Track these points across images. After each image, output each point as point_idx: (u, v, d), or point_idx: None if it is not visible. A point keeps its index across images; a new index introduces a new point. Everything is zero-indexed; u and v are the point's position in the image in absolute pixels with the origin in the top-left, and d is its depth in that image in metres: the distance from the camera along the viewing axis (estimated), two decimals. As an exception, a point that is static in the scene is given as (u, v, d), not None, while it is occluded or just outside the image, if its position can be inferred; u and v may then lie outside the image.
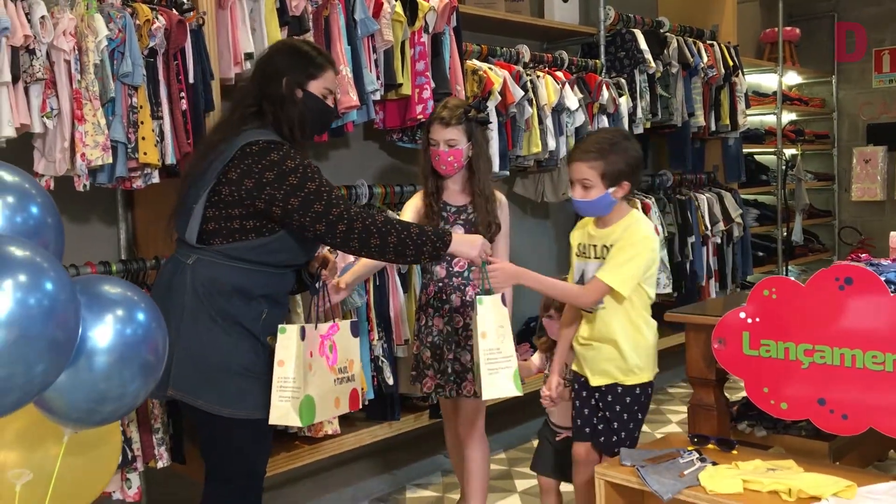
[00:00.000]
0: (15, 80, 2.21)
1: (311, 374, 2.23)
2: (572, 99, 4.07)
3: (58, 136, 2.34)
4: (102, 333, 1.30)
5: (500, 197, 2.82)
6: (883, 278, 2.22)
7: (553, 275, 2.55)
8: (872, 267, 2.73)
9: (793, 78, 6.91)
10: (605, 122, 4.26)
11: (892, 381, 2.09)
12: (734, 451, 2.38)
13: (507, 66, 3.87)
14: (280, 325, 2.17)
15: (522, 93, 3.81)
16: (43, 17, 2.24)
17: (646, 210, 4.55)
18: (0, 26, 2.14)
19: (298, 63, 2.29)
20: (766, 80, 6.54)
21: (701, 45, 4.92)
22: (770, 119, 6.43)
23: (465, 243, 2.33)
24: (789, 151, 6.57)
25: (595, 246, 2.43)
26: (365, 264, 2.61)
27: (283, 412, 2.14)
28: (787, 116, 6.72)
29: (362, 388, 2.94)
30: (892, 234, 3.25)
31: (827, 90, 7.04)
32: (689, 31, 4.98)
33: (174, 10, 2.56)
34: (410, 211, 2.80)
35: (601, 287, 2.34)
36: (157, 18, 2.48)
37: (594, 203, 2.35)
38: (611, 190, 2.34)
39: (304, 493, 3.40)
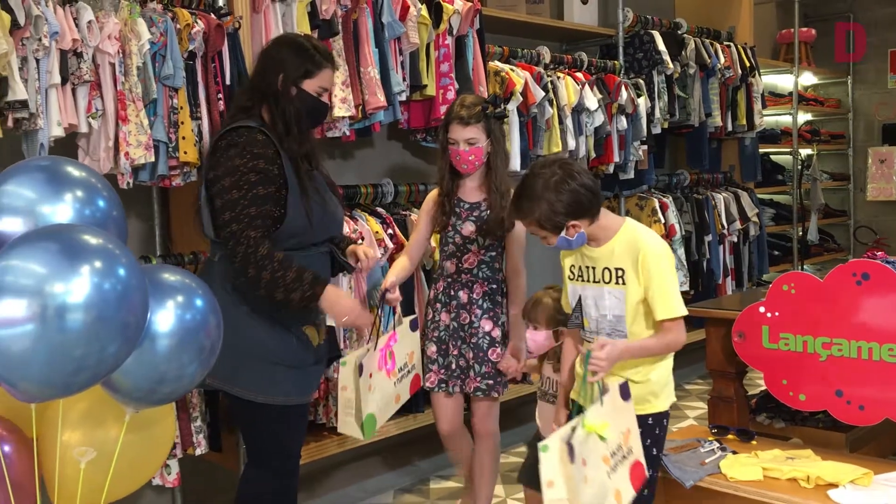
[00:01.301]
0: (63, 81, 2.31)
1: (370, 393, 2.47)
2: (592, 99, 4.14)
3: (102, 136, 2.44)
4: (164, 318, 1.39)
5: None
6: (899, 274, 2.30)
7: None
8: (889, 264, 2.80)
9: (808, 78, 6.96)
10: (623, 122, 4.33)
11: (908, 372, 2.17)
12: (753, 442, 2.45)
13: (528, 67, 3.95)
14: (341, 359, 2.40)
15: (543, 93, 3.89)
16: (90, 22, 2.34)
17: (663, 209, 4.63)
18: (50, 31, 2.24)
19: (296, 60, 2.34)
20: (782, 81, 6.59)
21: (718, 46, 4.99)
22: (786, 119, 6.48)
23: (333, 305, 2.26)
24: (805, 151, 6.62)
25: (593, 269, 2.20)
26: (403, 266, 2.75)
27: (349, 427, 2.45)
28: (803, 117, 6.77)
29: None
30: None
31: (842, 91, 7.08)
32: (707, 33, 5.04)
33: (212, 15, 2.66)
34: (425, 211, 2.83)
35: (678, 323, 2.12)
36: (197, 23, 2.57)
37: (560, 245, 2.16)
38: (563, 233, 2.13)
39: (331, 483, 3.50)
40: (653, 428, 2.16)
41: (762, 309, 2.43)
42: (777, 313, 2.40)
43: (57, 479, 1.49)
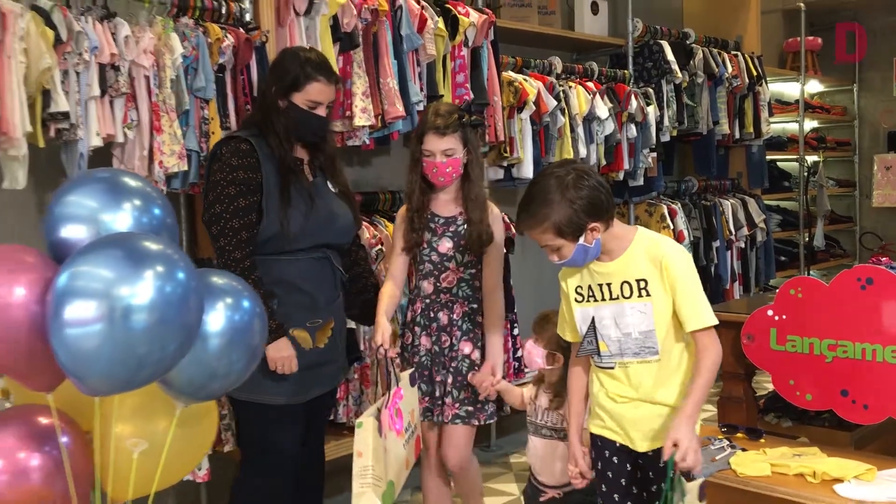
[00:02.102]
0: (102, 94, 2.42)
1: (387, 456, 2.30)
2: (602, 108, 4.25)
3: (137, 146, 2.55)
4: (215, 319, 1.49)
5: (493, 207, 2.64)
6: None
7: None
8: (893, 270, 2.89)
9: (815, 86, 7.05)
10: (633, 130, 4.44)
11: (911, 373, 2.26)
12: (762, 440, 2.54)
13: (540, 77, 4.06)
14: (357, 420, 2.26)
15: (555, 103, 4.00)
16: (127, 37, 2.45)
17: (672, 215, 4.72)
18: (90, 45, 2.35)
19: (286, 73, 2.41)
20: (789, 89, 6.69)
21: (725, 55, 5.09)
22: (792, 126, 6.56)
23: (271, 350, 2.27)
24: (811, 158, 6.70)
25: (608, 285, 2.02)
26: (391, 296, 2.59)
27: (366, 500, 2.21)
28: (810, 124, 6.85)
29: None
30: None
31: (848, 98, 7.17)
32: (714, 42, 5.15)
33: (241, 29, 2.77)
34: (398, 228, 2.64)
35: (710, 333, 1.97)
36: (226, 37, 2.68)
37: (576, 258, 1.97)
38: (581, 240, 1.95)
39: (350, 480, 3.59)
40: None
41: (770, 312, 2.52)
42: (784, 316, 2.49)
43: (112, 468, 1.60)
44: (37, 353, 1.40)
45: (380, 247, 3.28)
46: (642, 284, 1.98)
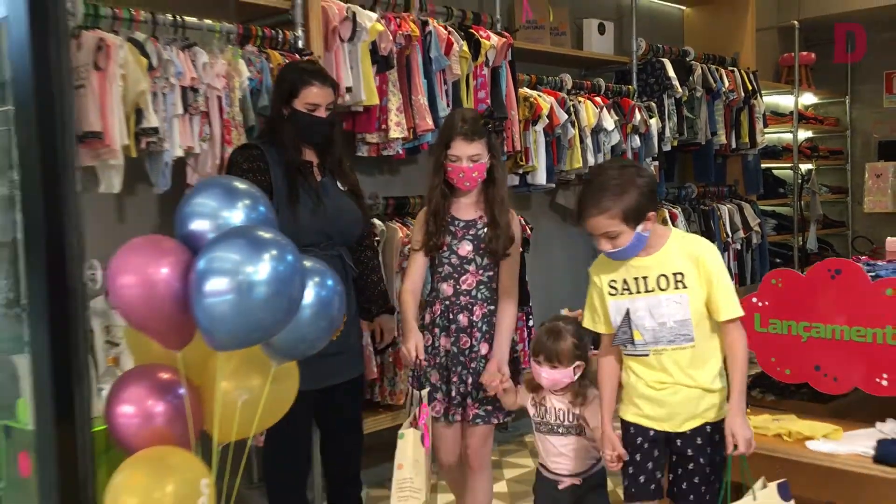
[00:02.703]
0: (184, 112, 2.84)
1: (425, 469, 2.38)
2: (609, 121, 4.66)
3: (209, 156, 2.97)
4: (308, 293, 1.89)
5: (512, 212, 2.72)
6: (873, 273, 2.81)
7: (586, 278, 2.33)
8: (868, 266, 3.29)
9: (809, 98, 7.45)
10: (637, 140, 4.85)
11: (871, 350, 2.66)
12: (748, 410, 2.93)
13: (552, 93, 4.47)
14: (399, 432, 2.34)
15: (566, 116, 4.41)
16: (204, 63, 2.87)
17: (672, 219, 5.12)
18: (175, 71, 2.77)
19: (284, 84, 2.68)
20: (784, 101, 7.09)
21: (723, 71, 5.50)
22: (788, 136, 6.96)
23: None
24: (805, 166, 7.11)
25: (644, 278, 2.19)
26: (416, 303, 2.69)
27: None
28: (804, 134, 7.26)
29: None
30: (889, 239, 3.82)
31: (841, 110, 7.58)
32: (713, 59, 5.55)
33: (296, 55, 3.18)
34: (418, 233, 2.72)
35: (739, 324, 2.20)
36: (285, 62, 3.09)
37: (628, 248, 2.14)
38: (639, 228, 2.12)
39: (386, 456, 3.97)
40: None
41: (754, 299, 2.92)
42: (767, 302, 2.88)
43: (218, 416, 2.00)
44: (174, 319, 1.81)
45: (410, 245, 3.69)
46: (679, 277, 2.15)
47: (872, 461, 2.43)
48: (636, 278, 2.20)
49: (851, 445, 2.52)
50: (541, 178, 4.36)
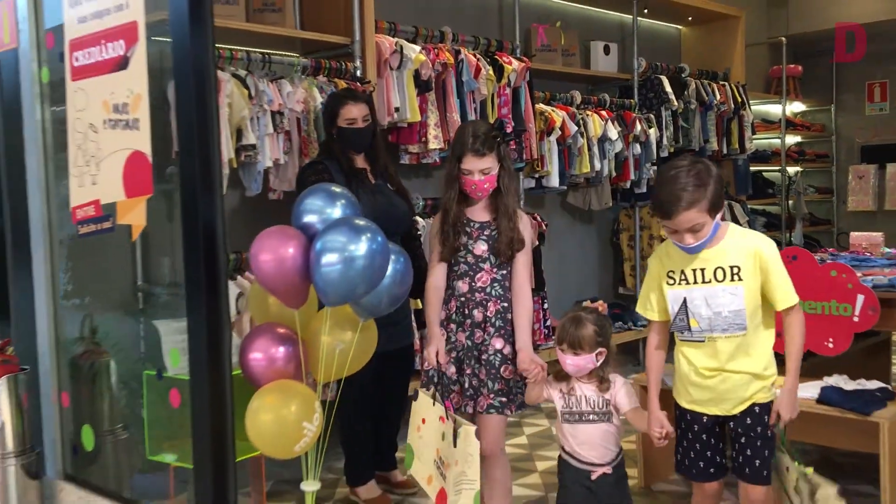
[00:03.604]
0: (273, 131, 3.55)
1: (417, 435, 2.64)
2: (613, 131, 5.36)
3: (290, 166, 3.68)
4: (389, 267, 2.59)
5: (522, 214, 2.85)
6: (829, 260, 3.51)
7: (594, 269, 2.70)
8: (832, 256, 3.97)
9: (798, 106, 8.15)
10: (638, 148, 5.55)
11: (820, 319, 3.35)
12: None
13: (564, 107, 5.18)
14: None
15: (576, 128, 5.11)
16: (288, 92, 3.59)
17: (670, 216, 5.81)
18: (267, 99, 3.49)
19: (326, 111, 3.37)
20: (774, 109, 7.77)
21: (715, 85, 6.19)
22: (777, 142, 7.66)
23: None
24: (793, 169, 7.79)
25: (702, 270, 2.33)
26: (440, 307, 2.86)
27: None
28: (793, 139, 7.95)
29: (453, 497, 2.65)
30: (853, 233, 4.51)
31: (827, 117, 8.27)
32: (706, 74, 6.24)
33: (357, 83, 3.89)
34: (435, 240, 2.87)
35: (797, 310, 2.37)
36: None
37: (709, 237, 2.27)
38: (717, 218, 2.27)
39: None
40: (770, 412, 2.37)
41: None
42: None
43: (322, 362, 2.72)
44: (297, 285, 2.53)
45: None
46: (735, 270, 2.29)
47: (815, 402, 3.13)
48: (694, 269, 2.33)
49: (802, 392, 3.20)
50: (554, 181, 5.07)
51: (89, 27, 2.95)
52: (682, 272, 2.35)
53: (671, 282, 2.38)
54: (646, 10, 6.03)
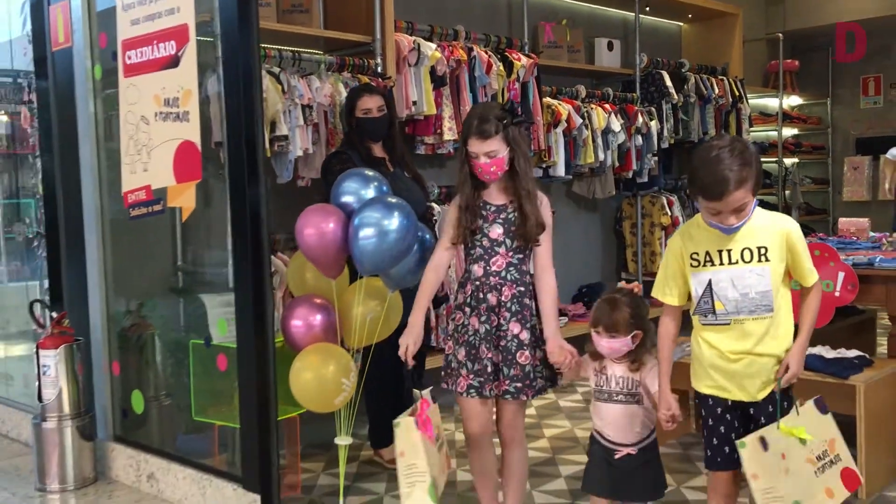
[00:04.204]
0: (303, 123, 3.86)
1: (429, 454, 2.49)
2: (616, 124, 5.66)
3: (317, 155, 3.99)
4: (415, 244, 2.90)
5: (542, 196, 2.76)
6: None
7: (598, 255, 2.74)
8: (844, 243, 4.24)
9: (795, 100, 8.44)
10: (639, 139, 5.85)
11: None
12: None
13: (570, 101, 5.48)
14: (395, 421, 2.49)
15: (581, 120, 5.42)
16: (316, 87, 3.90)
17: (670, 205, 6.12)
18: (298, 93, 3.80)
19: (346, 105, 3.67)
20: (772, 103, 8.05)
21: (713, 80, 6.48)
22: (774, 134, 7.95)
23: None
24: (790, 160, 8.09)
25: (729, 251, 2.27)
26: (432, 290, 2.79)
27: (415, 497, 2.45)
28: (790, 131, 8.24)
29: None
30: (841, 219, 4.81)
31: (823, 110, 8.57)
32: (705, 69, 6.54)
33: (378, 78, 4.20)
34: (450, 222, 2.77)
35: (816, 284, 2.35)
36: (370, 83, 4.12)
37: (743, 219, 2.23)
38: (756, 198, 2.26)
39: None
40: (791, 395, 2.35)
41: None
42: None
43: (354, 329, 3.04)
44: (335, 256, 2.85)
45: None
46: (763, 251, 2.25)
47: (799, 368, 3.44)
48: (720, 251, 2.28)
49: (787, 360, 3.53)
50: (560, 171, 5.38)
51: (142, 29, 3.28)
52: (708, 253, 2.30)
53: (695, 264, 2.32)
54: (647, 8, 6.33)
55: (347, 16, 4.38)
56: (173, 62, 3.16)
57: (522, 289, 2.71)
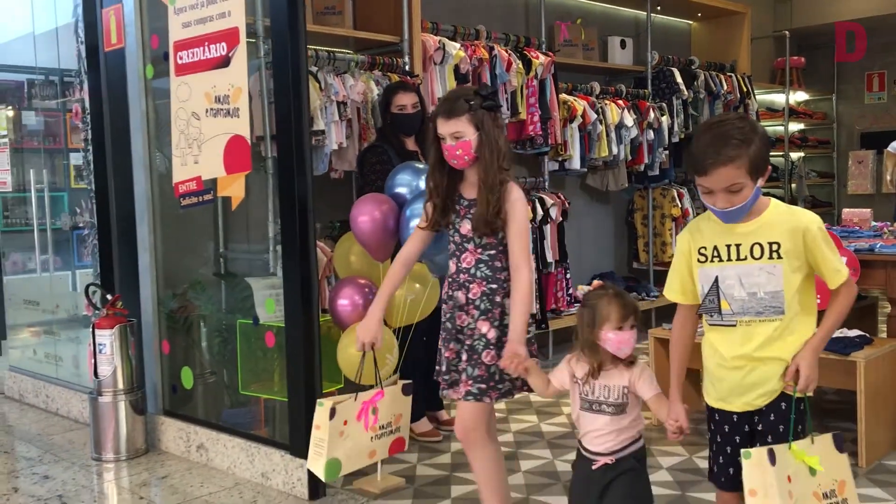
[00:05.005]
0: (339, 119, 4.12)
1: (341, 439, 2.76)
2: (629, 119, 5.90)
3: (351, 148, 4.25)
4: (451, 231, 3.17)
5: (514, 189, 2.54)
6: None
7: (610, 245, 2.78)
8: (847, 232, 4.48)
9: (801, 96, 8.66)
10: (651, 134, 6.10)
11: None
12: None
13: (585, 97, 5.73)
14: (319, 400, 2.83)
15: (595, 115, 5.66)
16: (350, 85, 4.15)
17: (680, 197, 6.36)
18: (334, 91, 4.06)
19: (382, 101, 3.91)
20: (779, 98, 8.29)
21: (722, 76, 6.72)
22: (781, 129, 8.18)
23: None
24: (796, 154, 8.32)
25: (738, 246, 2.05)
26: (391, 283, 2.76)
27: (315, 466, 2.86)
28: (796, 126, 8.47)
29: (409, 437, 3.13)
30: (845, 210, 5.04)
31: (828, 105, 8.79)
32: (714, 66, 6.77)
33: (407, 76, 4.46)
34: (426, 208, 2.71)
35: (848, 282, 2.07)
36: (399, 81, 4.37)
37: (746, 206, 1.99)
38: (759, 182, 2.00)
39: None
40: (803, 409, 2.07)
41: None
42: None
43: (396, 309, 3.29)
44: (385, 241, 3.11)
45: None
46: (774, 247, 2.02)
47: (804, 347, 3.68)
48: (728, 245, 2.07)
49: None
50: (576, 164, 5.62)
51: (193, 31, 3.54)
52: (715, 248, 2.09)
53: (702, 259, 2.12)
54: (659, 8, 6.57)
55: (376, 17, 4.63)
56: (224, 62, 3.42)
57: (494, 286, 2.55)
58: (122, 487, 3.52)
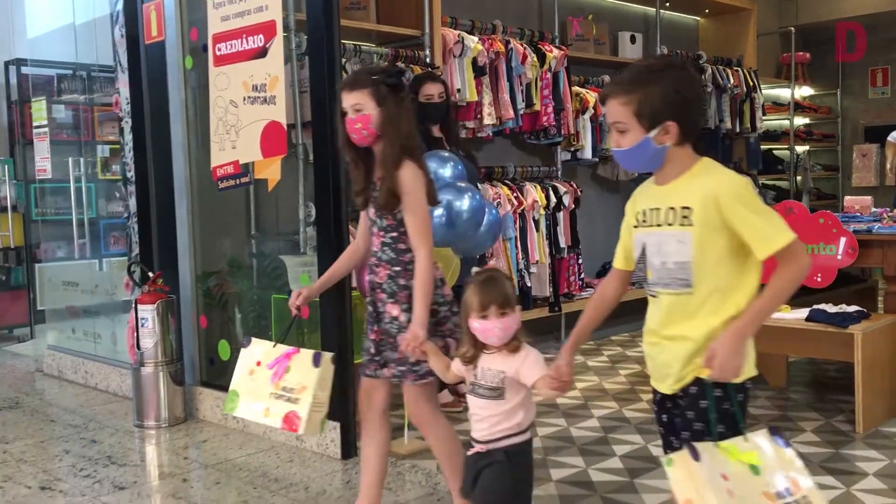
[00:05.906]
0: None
1: (249, 377, 2.66)
2: (638, 111, 6.12)
3: (375, 136, 4.48)
4: (483, 220, 3.39)
5: (405, 165, 2.48)
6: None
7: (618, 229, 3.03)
8: (847, 217, 4.69)
9: (806, 90, 8.86)
10: (660, 126, 6.30)
11: (812, 259, 4.12)
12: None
13: (596, 90, 5.95)
14: (249, 337, 2.78)
15: (607, 108, 5.89)
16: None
17: (688, 187, 6.57)
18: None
19: (409, 89, 4.02)
20: (784, 93, 8.47)
21: (729, 70, 6.93)
22: (787, 123, 8.37)
23: None
24: (801, 148, 8.53)
25: (657, 210, 1.88)
26: (344, 261, 2.77)
27: (230, 394, 2.72)
28: (801, 120, 8.67)
29: (306, 418, 2.57)
30: (847, 197, 5.25)
31: (833, 100, 8.99)
32: (721, 61, 6.98)
33: (429, 68, 4.69)
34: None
35: (790, 250, 1.79)
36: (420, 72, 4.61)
37: (632, 152, 1.84)
38: (652, 134, 1.80)
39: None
40: (740, 395, 1.84)
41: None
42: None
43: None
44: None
45: (498, 201, 5.18)
46: (685, 213, 1.82)
47: (805, 321, 3.91)
48: (652, 209, 1.91)
49: (794, 314, 3.99)
50: (588, 154, 5.85)
51: (231, 24, 3.79)
52: (644, 212, 1.94)
53: (636, 223, 1.97)
54: (667, 4, 6.79)
55: (397, 12, 4.87)
56: (261, 53, 3.66)
57: (399, 268, 2.53)
58: (165, 450, 3.77)
